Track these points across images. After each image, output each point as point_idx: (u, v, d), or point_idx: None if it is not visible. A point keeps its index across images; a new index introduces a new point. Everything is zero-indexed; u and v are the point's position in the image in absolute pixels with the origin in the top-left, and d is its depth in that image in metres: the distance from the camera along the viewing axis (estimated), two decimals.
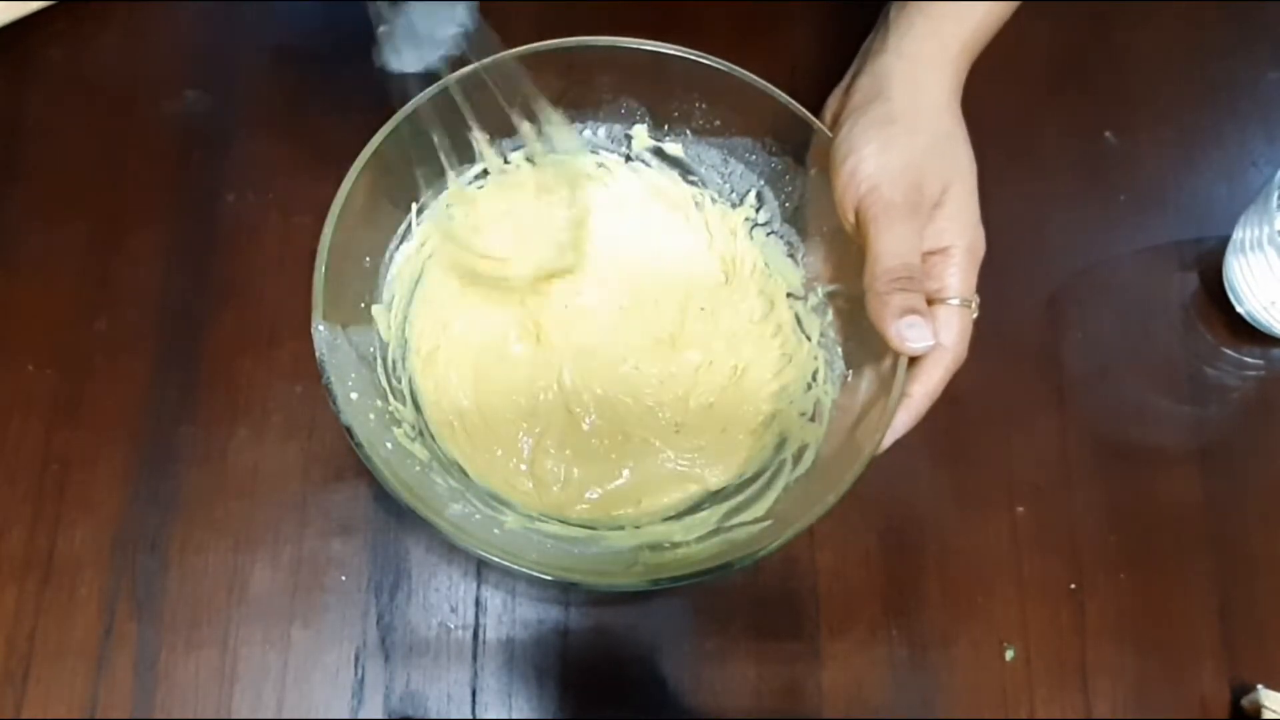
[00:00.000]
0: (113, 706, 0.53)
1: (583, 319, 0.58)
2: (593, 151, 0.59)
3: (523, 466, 0.55)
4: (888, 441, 0.49)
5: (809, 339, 0.57)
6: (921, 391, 0.49)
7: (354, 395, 0.48)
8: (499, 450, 0.55)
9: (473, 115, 0.52)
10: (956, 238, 0.50)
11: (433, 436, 0.54)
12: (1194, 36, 0.70)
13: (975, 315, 0.50)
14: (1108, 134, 0.67)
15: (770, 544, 0.46)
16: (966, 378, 0.50)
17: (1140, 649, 0.56)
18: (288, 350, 0.59)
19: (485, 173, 0.57)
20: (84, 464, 0.56)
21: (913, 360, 0.49)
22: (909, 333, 0.47)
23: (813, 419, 0.55)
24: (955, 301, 0.49)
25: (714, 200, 0.59)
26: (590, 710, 0.54)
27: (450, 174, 0.55)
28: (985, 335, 0.51)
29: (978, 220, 0.50)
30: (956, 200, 0.49)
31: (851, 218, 0.50)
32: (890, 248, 0.48)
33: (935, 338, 0.48)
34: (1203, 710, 0.56)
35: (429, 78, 0.50)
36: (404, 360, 0.55)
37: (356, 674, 0.54)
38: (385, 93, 0.50)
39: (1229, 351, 0.63)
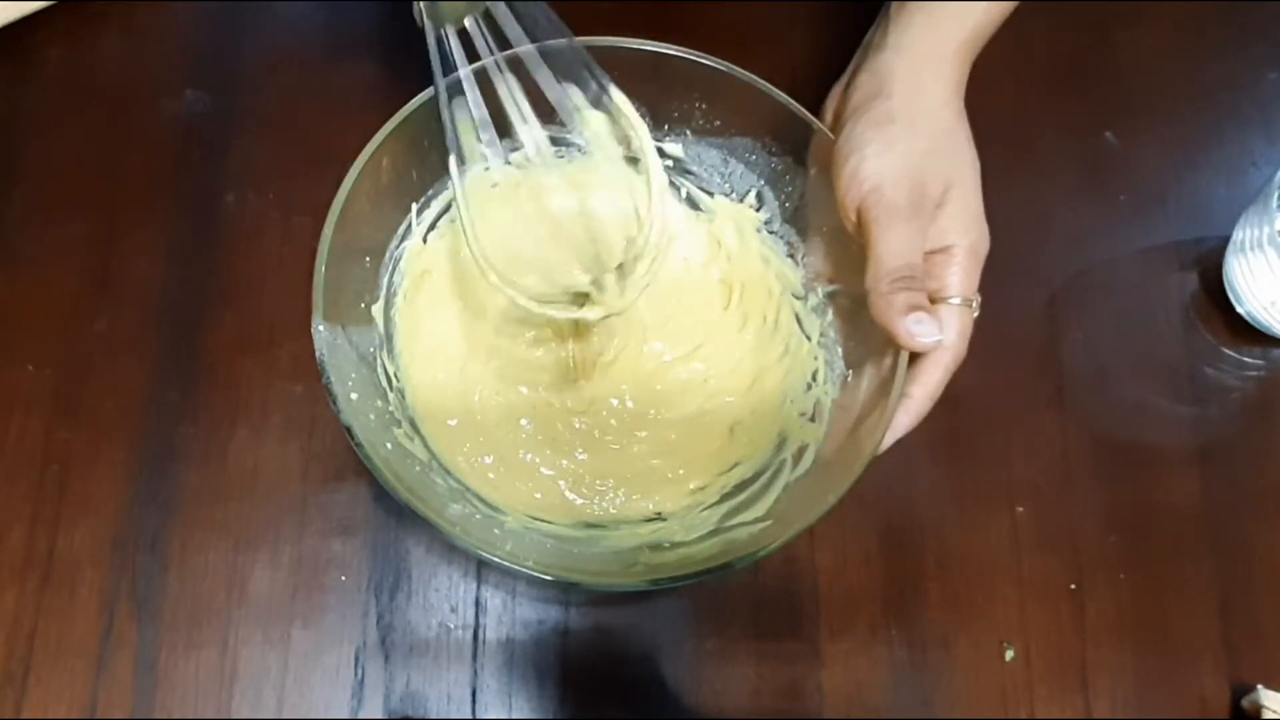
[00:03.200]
0: (113, 706, 0.53)
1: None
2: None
3: (514, 464, 0.55)
4: (888, 442, 0.49)
5: (809, 339, 0.57)
6: (922, 392, 0.49)
7: (354, 395, 0.48)
8: (488, 453, 0.55)
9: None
10: (959, 237, 0.49)
11: (422, 434, 0.54)
12: (1194, 36, 0.70)
13: (976, 314, 0.50)
14: (1108, 134, 0.67)
15: (770, 544, 0.47)
16: (966, 378, 0.50)
17: (1140, 649, 0.56)
18: (288, 350, 0.59)
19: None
20: (84, 464, 0.56)
21: (913, 360, 0.49)
22: (916, 329, 0.47)
23: (813, 419, 0.55)
24: (956, 301, 0.49)
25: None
26: (590, 710, 0.54)
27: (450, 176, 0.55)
28: (985, 335, 0.51)
29: (981, 218, 0.50)
30: (959, 199, 0.49)
31: (853, 218, 0.50)
32: (892, 248, 0.48)
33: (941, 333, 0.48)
34: (1203, 710, 0.56)
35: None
36: (395, 357, 0.55)
37: (356, 674, 0.54)
38: (387, 89, 0.50)
39: (1229, 351, 0.63)
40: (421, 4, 0.47)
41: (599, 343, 0.57)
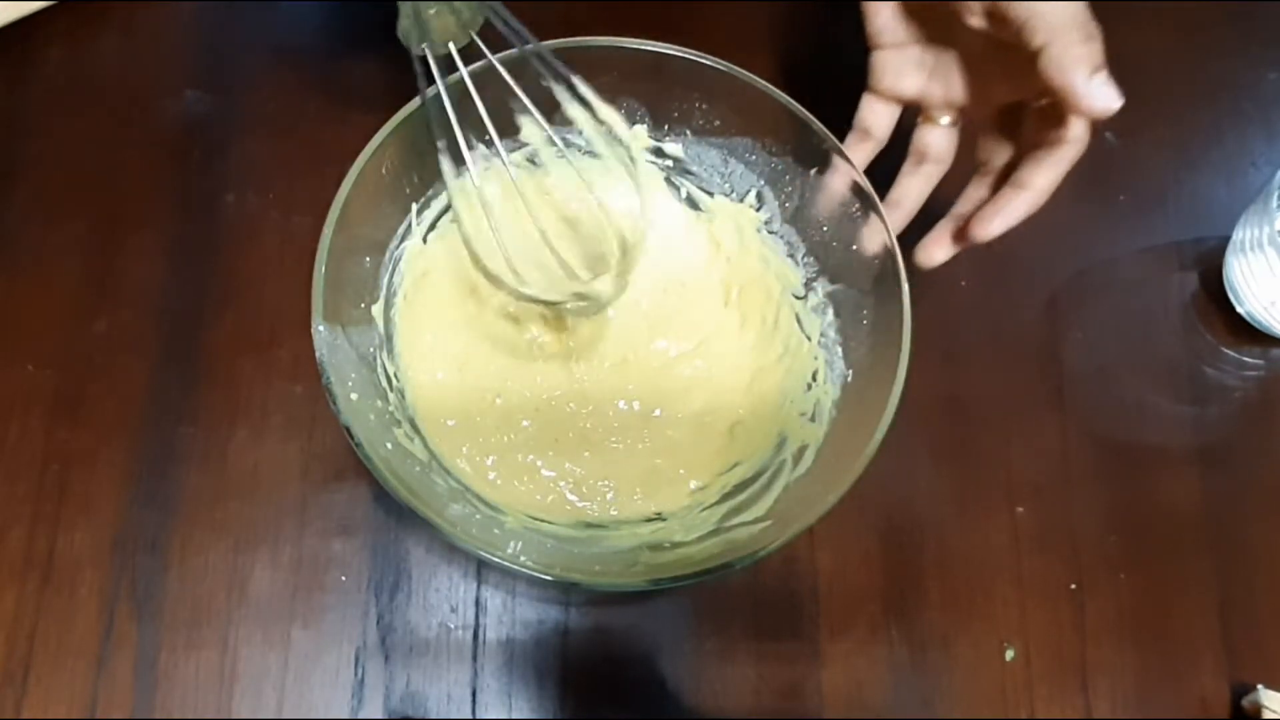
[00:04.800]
0: (113, 706, 0.53)
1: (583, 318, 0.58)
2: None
3: (514, 465, 0.55)
4: (996, 230, 0.46)
5: (809, 339, 0.57)
6: (1045, 182, 0.46)
7: (354, 395, 0.48)
8: (489, 453, 0.55)
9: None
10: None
11: (422, 434, 0.54)
12: (1194, 36, 0.70)
13: None
14: (1108, 134, 0.67)
15: (770, 544, 0.46)
16: (966, 377, 0.50)
17: (1140, 649, 0.56)
18: (288, 350, 0.59)
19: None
20: (84, 464, 0.56)
21: (1038, 147, 0.46)
22: (1101, 91, 0.43)
23: (813, 419, 0.55)
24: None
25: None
26: (590, 710, 0.54)
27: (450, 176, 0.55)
28: (985, 335, 0.51)
29: None
30: None
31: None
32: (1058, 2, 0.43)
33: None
34: (1203, 710, 0.56)
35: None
36: (395, 357, 0.55)
37: (356, 674, 0.54)
38: (387, 89, 0.50)
39: (1229, 351, 0.63)
40: (411, 37, 0.47)
41: (594, 335, 0.57)
